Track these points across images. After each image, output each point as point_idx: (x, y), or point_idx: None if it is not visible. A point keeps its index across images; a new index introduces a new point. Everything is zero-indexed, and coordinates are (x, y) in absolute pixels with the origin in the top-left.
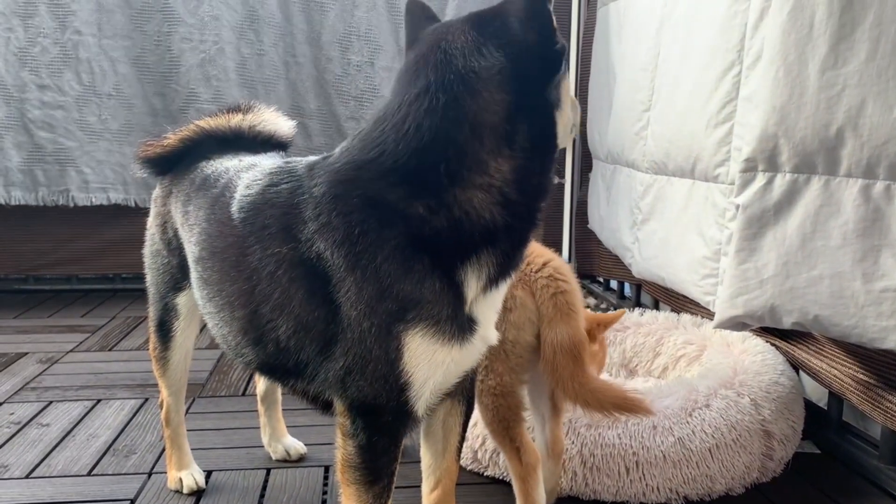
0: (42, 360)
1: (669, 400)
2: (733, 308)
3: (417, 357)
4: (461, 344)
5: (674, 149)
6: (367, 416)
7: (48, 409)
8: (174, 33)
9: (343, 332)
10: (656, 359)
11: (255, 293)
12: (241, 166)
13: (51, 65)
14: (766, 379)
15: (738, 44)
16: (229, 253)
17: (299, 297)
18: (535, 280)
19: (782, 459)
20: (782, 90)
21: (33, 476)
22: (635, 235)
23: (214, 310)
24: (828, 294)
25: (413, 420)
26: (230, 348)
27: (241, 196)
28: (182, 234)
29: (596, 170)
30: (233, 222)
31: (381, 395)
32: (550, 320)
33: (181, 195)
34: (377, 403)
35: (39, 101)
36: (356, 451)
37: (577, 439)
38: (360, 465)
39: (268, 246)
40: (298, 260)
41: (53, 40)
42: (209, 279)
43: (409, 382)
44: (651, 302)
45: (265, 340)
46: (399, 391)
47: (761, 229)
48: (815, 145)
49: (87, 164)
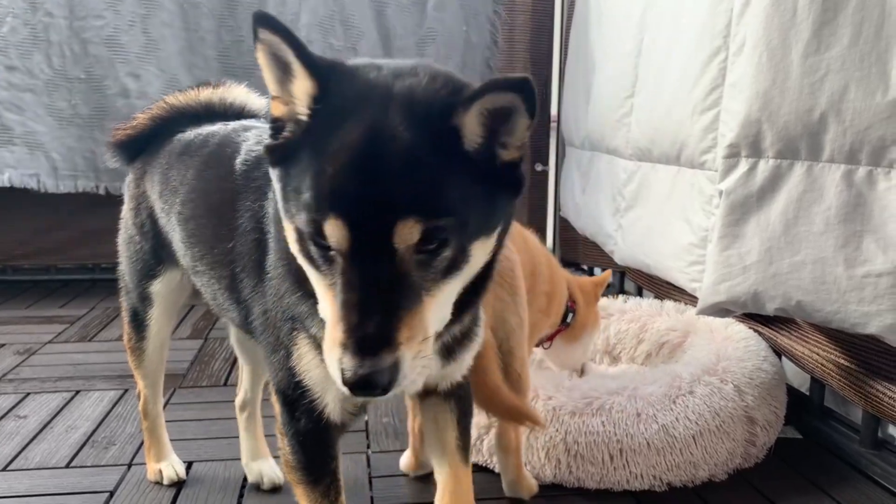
0: (20, 352)
1: (653, 387)
2: (716, 294)
3: (308, 362)
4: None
5: (659, 135)
6: (287, 409)
7: (26, 401)
8: (153, 16)
9: (267, 308)
10: (640, 345)
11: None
12: (236, 126)
13: (20, 45)
14: (749, 365)
15: (723, 29)
16: (224, 209)
17: (257, 258)
18: None
19: (765, 445)
20: (766, 75)
21: (10, 469)
22: (618, 223)
23: (204, 268)
24: (810, 280)
25: (332, 424)
26: (218, 307)
27: (248, 150)
28: (160, 209)
29: (570, 157)
30: (233, 176)
31: (290, 388)
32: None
33: (159, 168)
34: (289, 395)
35: (7, 82)
36: (290, 451)
37: (560, 427)
38: (297, 466)
39: (255, 201)
40: (269, 219)
41: (24, 21)
42: (201, 236)
43: (306, 384)
44: (634, 289)
45: (241, 299)
46: (301, 389)
47: (744, 215)
48: (798, 130)
49: (57, 150)
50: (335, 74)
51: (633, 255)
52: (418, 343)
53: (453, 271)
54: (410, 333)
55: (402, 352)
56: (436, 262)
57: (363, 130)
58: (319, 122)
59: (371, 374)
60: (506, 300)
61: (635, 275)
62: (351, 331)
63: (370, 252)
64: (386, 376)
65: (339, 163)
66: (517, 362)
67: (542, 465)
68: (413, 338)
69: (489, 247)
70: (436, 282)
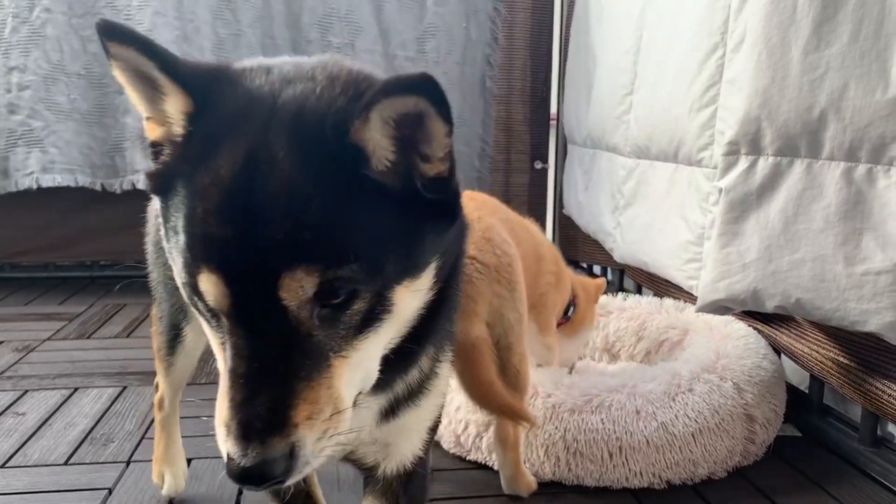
0: (18, 349)
1: (653, 385)
2: (716, 292)
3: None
4: None
5: (657, 132)
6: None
7: (24, 398)
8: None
9: None
10: (639, 343)
11: None
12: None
13: (19, 45)
14: (748, 363)
15: (721, 26)
16: None
17: None
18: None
19: (764, 443)
20: (765, 73)
21: (9, 465)
22: (617, 220)
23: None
24: (810, 277)
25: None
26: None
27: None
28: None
29: (572, 154)
30: None
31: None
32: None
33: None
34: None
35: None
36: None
37: (560, 424)
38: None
39: None
40: None
41: (22, 19)
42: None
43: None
44: (634, 287)
45: None
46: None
47: (744, 213)
48: (798, 128)
49: (54, 144)
50: (215, 84)
51: (631, 252)
52: (325, 420)
53: (371, 325)
54: (312, 410)
55: (300, 434)
56: (345, 317)
57: (237, 158)
58: (194, 147)
59: (258, 466)
60: (503, 296)
61: (635, 273)
62: (236, 409)
63: (257, 311)
64: (278, 467)
65: (211, 201)
66: (515, 358)
67: (541, 463)
68: (316, 415)
69: (421, 288)
70: (348, 340)
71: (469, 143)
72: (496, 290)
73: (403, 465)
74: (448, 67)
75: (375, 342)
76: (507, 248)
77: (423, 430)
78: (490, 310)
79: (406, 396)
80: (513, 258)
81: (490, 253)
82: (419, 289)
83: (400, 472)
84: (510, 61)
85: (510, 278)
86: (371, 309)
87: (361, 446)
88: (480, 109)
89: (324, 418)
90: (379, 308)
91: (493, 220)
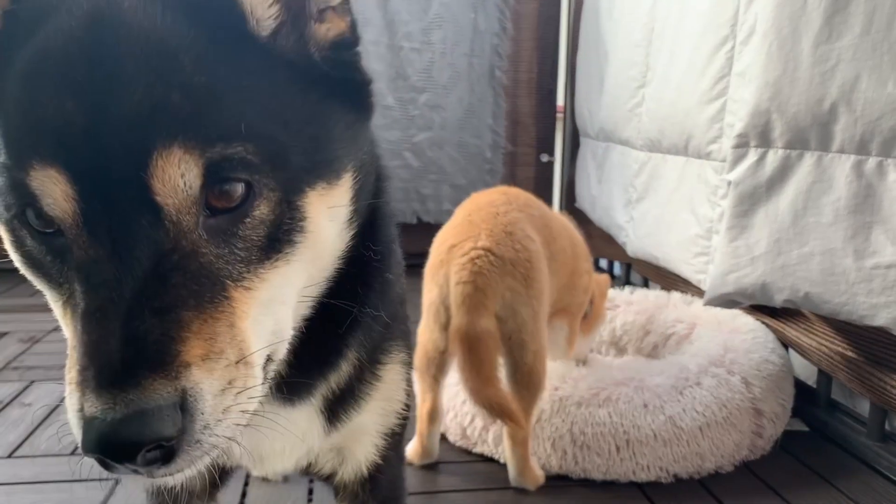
0: (23, 340)
1: (660, 378)
2: (724, 285)
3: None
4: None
5: (668, 126)
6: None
7: (30, 389)
8: None
9: None
10: (646, 337)
11: None
12: None
13: None
14: (756, 357)
15: (731, 18)
16: None
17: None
18: (451, 262)
19: (772, 437)
20: (776, 65)
21: (16, 455)
22: (630, 214)
23: None
24: (819, 271)
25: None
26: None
27: None
28: None
29: (585, 148)
30: None
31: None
32: (457, 306)
33: None
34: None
35: None
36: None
37: (567, 418)
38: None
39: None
40: None
41: None
42: None
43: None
44: (641, 281)
45: None
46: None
47: (753, 206)
48: (809, 120)
49: None
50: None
51: (643, 246)
52: (228, 367)
53: (281, 248)
54: (209, 348)
55: (193, 378)
56: (244, 228)
57: (79, 20)
58: (16, 27)
59: (131, 420)
60: (518, 290)
61: (641, 266)
62: (92, 353)
63: (118, 217)
64: (163, 423)
65: (43, 76)
66: (529, 355)
67: (548, 456)
68: (216, 356)
69: (339, 204)
70: (251, 265)
71: (480, 135)
72: (510, 285)
73: (360, 470)
74: (455, 58)
75: (287, 276)
76: (527, 243)
77: (376, 435)
78: (502, 304)
79: (346, 398)
80: (532, 254)
81: (508, 247)
82: (337, 205)
83: (359, 477)
84: (517, 53)
85: (526, 273)
86: (278, 222)
87: (318, 457)
88: (490, 100)
89: (226, 364)
90: (289, 222)
91: (519, 214)
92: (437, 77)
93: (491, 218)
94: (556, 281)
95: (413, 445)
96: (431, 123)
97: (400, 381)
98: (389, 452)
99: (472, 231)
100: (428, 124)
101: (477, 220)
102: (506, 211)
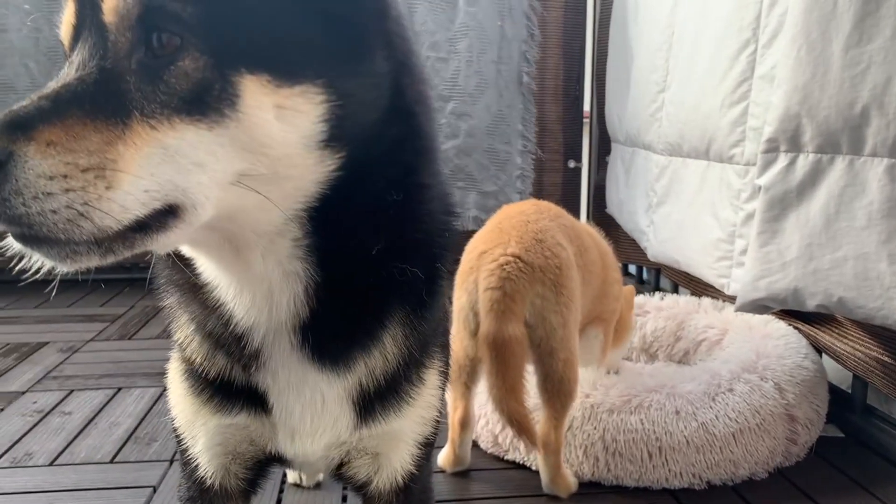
0: (63, 350)
1: (692, 385)
2: (755, 291)
3: (175, 397)
4: (224, 413)
5: (688, 130)
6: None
7: (70, 398)
8: None
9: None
10: (677, 343)
11: None
12: None
13: None
14: (789, 363)
15: (752, 22)
16: None
17: None
18: (480, 269)
19: (806, 444)
20: (805, 69)
21: (57, 463)
22: (650, 218)
23: None
24: (852, 276)
25: (213, 491)
26: None
27: None
28: None
29: (615, 153)
30: None
31: (176, 442)
32: (485, 312)
33: None
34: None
35: None
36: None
37: (598, 425)
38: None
39: None
40: None
41: None
42: None
43: (176, 430)
44: (670, 286)
45: None
46: (177, 438)
47: (783, 211)
48: (840, 124)
49: None
50: None
51: (664, 251)
52: (70, 164)
53: (204, 112)
54: (63, 139)
55: (23, 147)
56: (167, 74)
57: None
58: None
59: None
60: (547, 297)
61: (671, 272)
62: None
63: (84, 39)
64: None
65: None
66: (559, 363)
67: (580, 463)
68: (64, 147)
69: (289, 107)
70: (165, 108)
71: (509, 141)
72: (539, 291)
73: (395, 479)
74: (483, 66)
75: (208, 143)
76: (558, 251)
77: (412, 443)
78: (532, 310)
79: (381, 394)
80: (563, 261)
81: (538, 253)
82: (289, 108)
83: (394, 487)
84: (543, 60)
85: (556, 280)
86: (205, 85)
87: (352, 459)
88: (520, 106)
89: (71, 161)
90: (218, 90)
91: (550, 223)
92: (463, 85)
93: (521, 226)
94: (588, 291)
95: (445, 453)
96: (458, 131)
97: (438, 388)
98: (423, 462)
99: (501, 238)
100: (454, 132)
101: (507, 227)
102: (536, 219)
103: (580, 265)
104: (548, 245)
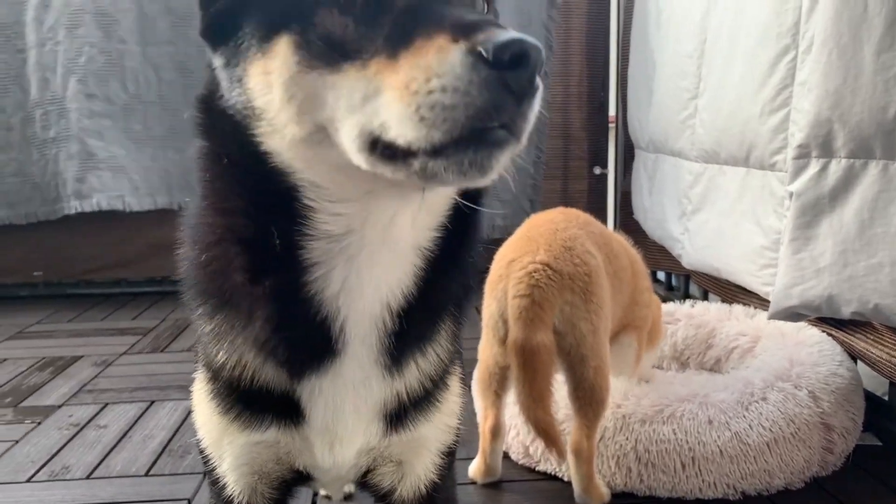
0: (97, 363)
1: (724, 394)
2: (788, 298)
3: (201, 415)
4: (253, 430)
5: (726, 137)
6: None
7: (105, 411)
8: None
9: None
10: (708, 351)
11: None
12: None
13: (97, 73)
14: (823, 370)
15: (792, 27)
16: None
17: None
18: (509, 277)
19: (843, 453)
20: (836, 73)
21: (94, 477)
22: (685, 226)
23: None
24: (888, 282)
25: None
26: None
27: None
28: None
29: (638, 159)
30: None
31: (203, 460)
32: (514, 320)
33: None
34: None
35: (89, 110)
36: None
37: (630, 435)
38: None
39: None
40: None
41: (100, 49)
42: None
43: (204, 450)
44: (700, 293)
45: None
46: (204, 458)
47: (816, 217)
48: (872, 129)
49: (136, 171)
50: None
51: (701, 258)
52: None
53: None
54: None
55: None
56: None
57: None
58: None
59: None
60: (576, 305)
61: (700, 279)
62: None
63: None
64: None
65: None
66: (590, 371)
67: (612, 474)
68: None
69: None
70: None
71: (525, 153)
72: (568, 299)
73: (419, 487)
74: None
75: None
76: (587, 258)
77: (435, 452)
78: (561, 318)
79: (418, 398)
80: (592, 269)
81: (567, 261)
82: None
83: (418, 496)
84: (566, 68)
85: (586, 288)
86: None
87: (378, 466)
88: None
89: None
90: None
91: (578, 231)
92: None
93: (550, 234)
94: (619, 298)
95: (476, 463)
96: None
97: (459, 395)
98: (445, 472)
99: (530, 246)
100: None
101: (535, 235)
102: (565, 227)
103: (610, 272)
104: (577, 253)
